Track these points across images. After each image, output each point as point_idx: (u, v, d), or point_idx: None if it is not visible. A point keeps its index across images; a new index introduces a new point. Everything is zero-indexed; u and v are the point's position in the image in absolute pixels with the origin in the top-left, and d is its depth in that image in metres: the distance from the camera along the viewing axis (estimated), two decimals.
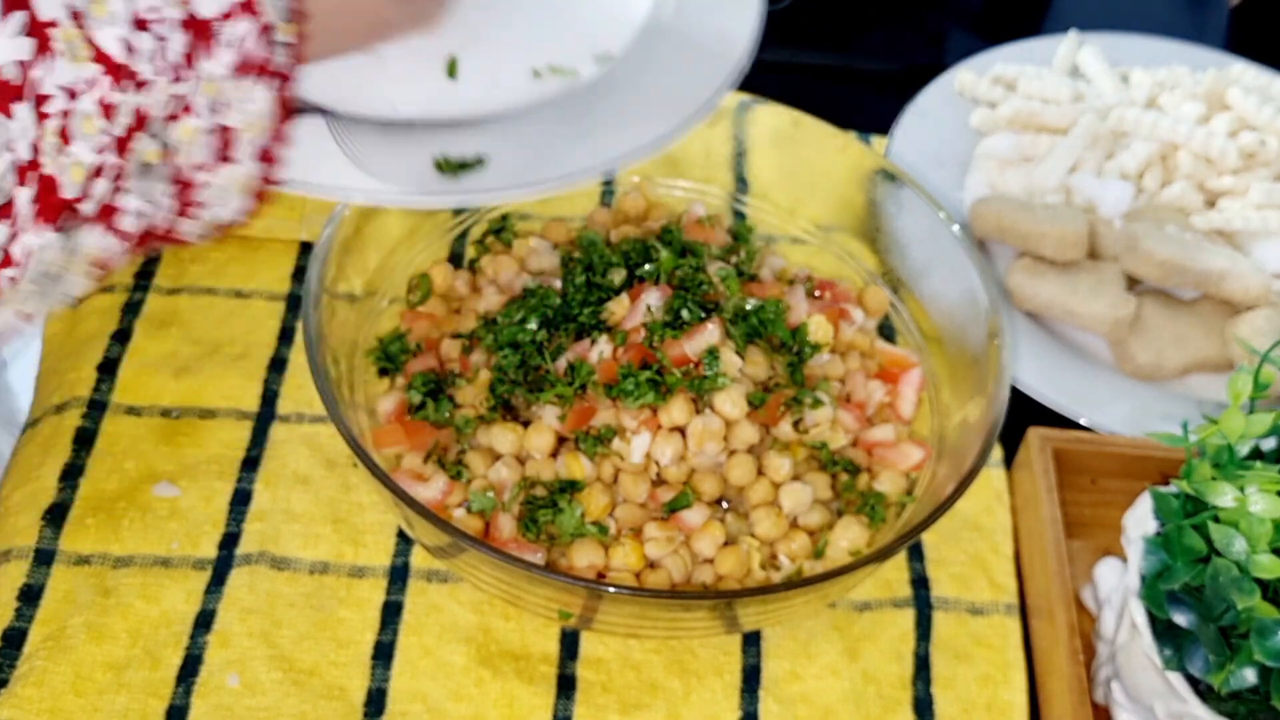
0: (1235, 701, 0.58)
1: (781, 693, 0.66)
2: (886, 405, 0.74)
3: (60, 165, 0.43)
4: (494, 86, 0.64)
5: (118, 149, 0.46)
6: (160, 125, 0.48)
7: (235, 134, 0.50)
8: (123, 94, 0.45)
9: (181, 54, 0.47)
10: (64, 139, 0.43)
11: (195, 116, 0.49)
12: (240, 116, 0.50)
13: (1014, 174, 0.93)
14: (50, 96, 0.43)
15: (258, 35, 0.49)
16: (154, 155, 0.48)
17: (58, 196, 0.44)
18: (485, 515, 0.66)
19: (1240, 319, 0.83)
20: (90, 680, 0.63)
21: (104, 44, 0.44)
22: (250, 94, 0.50)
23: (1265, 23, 1.18)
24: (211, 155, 0.50)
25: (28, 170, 0.42)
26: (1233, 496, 0.57)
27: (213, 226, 0.53)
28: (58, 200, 0.44)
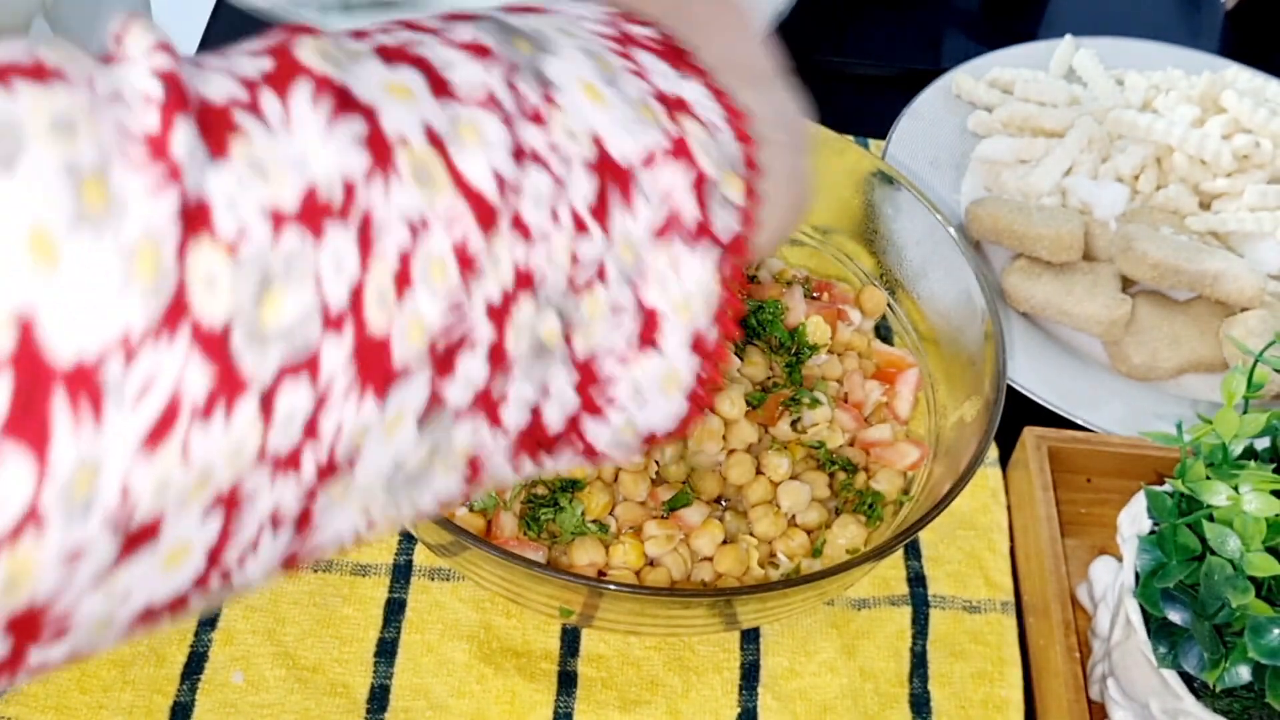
0: (1230, 699, 0.58)
1: (780, 689, 0.66)
2: (884, 405, 0.74)
3: (393, 319, 0.32)
4: None
5: (490, 315, 0.34)
6: (560, 294, 0.36)
7: (659, 316, 0.39)
8: (496, 242, 0.34)
9: (589, 202, 0.36)
10: (400, 285, 0.32)
11: (605, 287, 0.37)
12: (664, 292, 0.39)
13: (1010, 176, 0.93)
14: (385, 229, 0.31)
15: (691, 188, 0.38)
16: (553, 334, 0.36)
17: (387, 361, 0.32)
18: (487, 514, 0.67)
19: (1234, 320, 0.83)
20: (95, 677, 0.64)
21: (469, 172, 0.33)
22: (679, 264, 0.39)
23: (1260, 26, 1.18)
24: (625, 339, 0.39)
25: (344, 319, 0.31)
26: (1227, 495, 0.57)
27: (634, 435, 0.41)
28: (386, 365, 0.32)
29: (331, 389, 0.31)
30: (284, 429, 0.30)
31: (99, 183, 0.26)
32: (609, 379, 0.39)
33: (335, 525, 0.35)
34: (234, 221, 0.28)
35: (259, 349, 0.29)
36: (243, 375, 0.29)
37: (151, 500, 0.28)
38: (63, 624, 0.29)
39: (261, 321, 0.29)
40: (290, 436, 0.31)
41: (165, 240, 0.27)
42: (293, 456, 0.31)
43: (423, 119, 0.33)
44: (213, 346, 0.28)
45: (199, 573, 0.31)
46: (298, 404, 0.30)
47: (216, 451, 0.29)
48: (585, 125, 0.36)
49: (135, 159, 0.27)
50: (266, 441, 0.30)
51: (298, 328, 0.30)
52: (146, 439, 0.27)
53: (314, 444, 0.31)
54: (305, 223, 0.30)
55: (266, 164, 0.29)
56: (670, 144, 0.38)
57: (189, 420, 0.28)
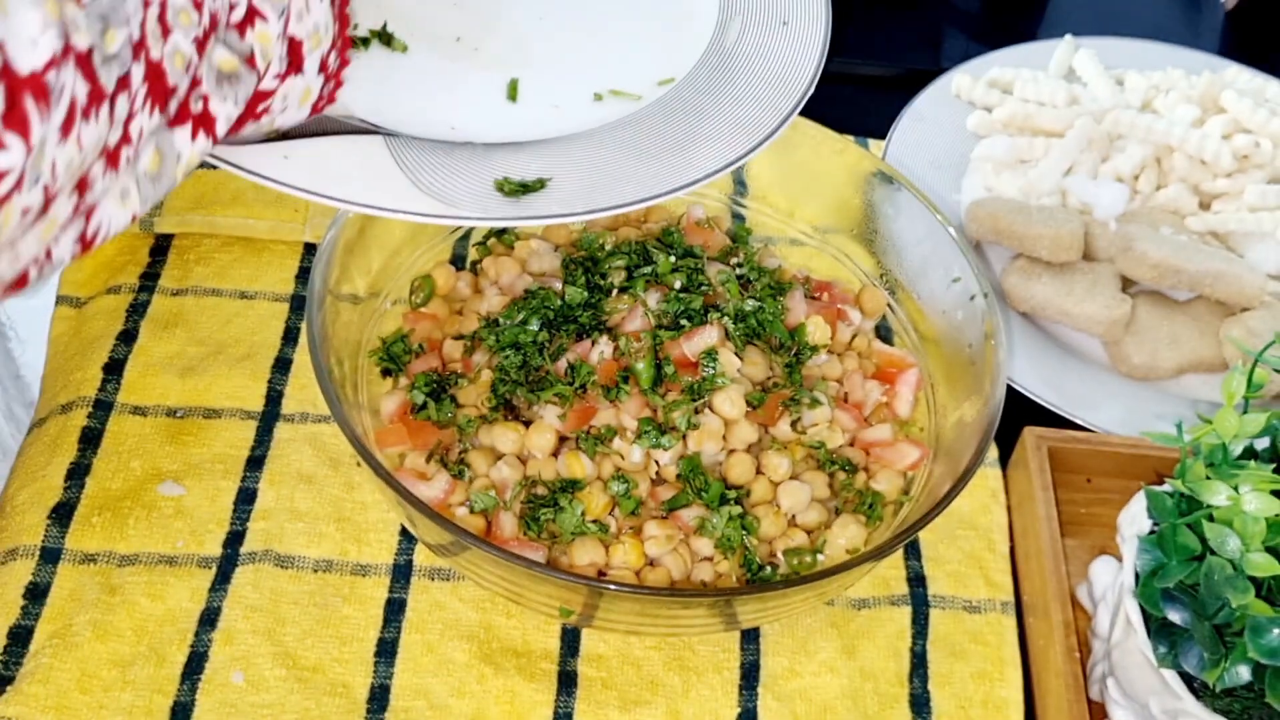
0: (1229, 698, 0.58)
1: (780, 689, 0.67)
2: (884, 405, 0.74)
3: (164, 51, 0.44)
4: (555, 109, 0.63)
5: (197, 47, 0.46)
6: (226, 32, 0.48)
7: (300, 44, 0.52)
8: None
9: None
10: (164, 27, 0.44)
11: (265, 23, 0.49)
12: (302, 26, 0.51)
13: (1010, 176, 0.93)
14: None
15: None
16: (230, 64, 0.48)
17: (165, 82, 0.44)
18: (487, 514, 0.67)
19: (1234, 320, 0.83)
20: (96, 677, 0.64)
21: None
22: (310, 4, 0.51)
23: (1259, 26, 1.18)
24: (281, 63, 0.51)
25: (139, 48, 0.43)
26: (1227, 495, 0.58)
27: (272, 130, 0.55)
28: (164, 86, 0.45)
29: (136, 99, 0.43)
30: (116, 127, 0.43)
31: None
32: (270, 92, 0.52)
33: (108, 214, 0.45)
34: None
35: (107, 68, 0.41)
36: (102, 86, 0.41)
37: (62, 175, 0.40)
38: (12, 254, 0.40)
39: (106, 48, 0.41)
40: (116, 135, 0.43)
41: None
42: (116, 152, 0.43)
43: None
44: (86, 67, 0.40)
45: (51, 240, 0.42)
46: (122, 109, 0.42)
47: (90, 141, 0.41)
48: None
49: None
50: (109, 137, 0.42)
51: (122, 53, 0.42)
52: (62, 129, 0.39)
53: (127, 145, 0.44)
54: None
55: None
56: None
57: (79, 118, 0.40)
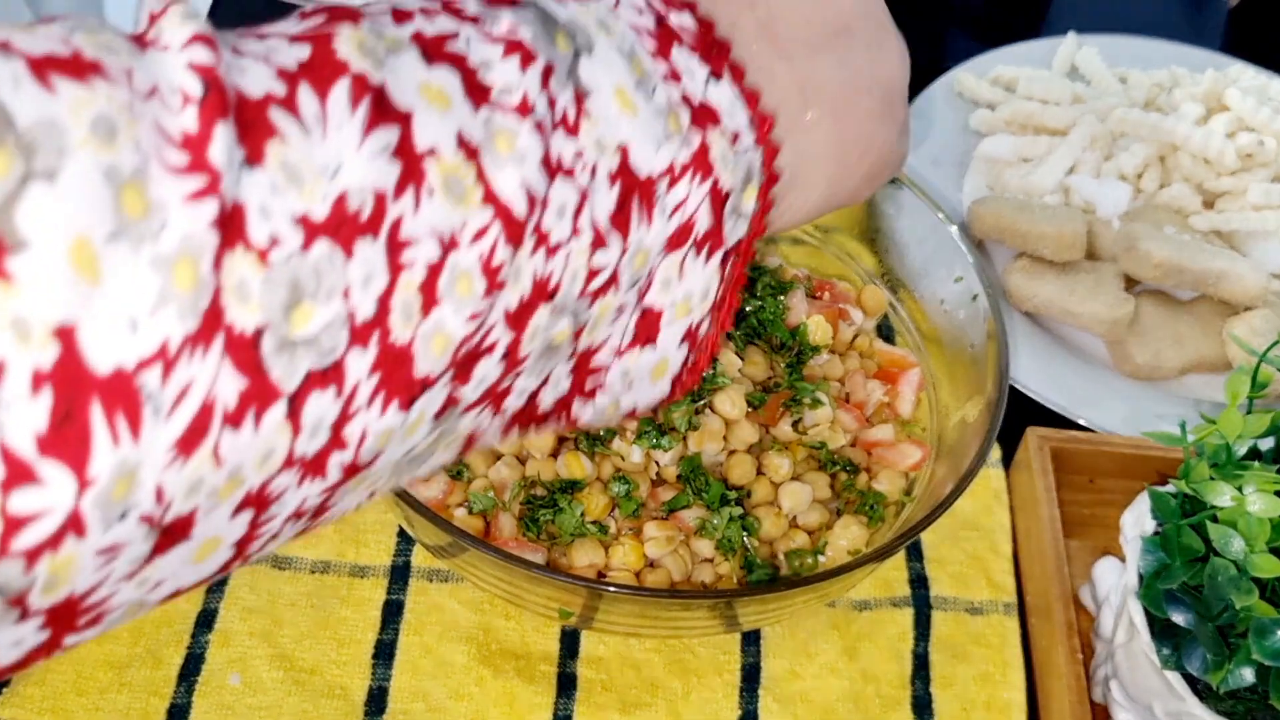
0: (1233, 700, 0.58)
1: (781, 691, 0.66)
2: (885, 405, 0.74)
3: (418, 333, 0.32)
4: None
5: (509, 322, 0.35)
6: (574, 300, 0.37)
7: (658, 316, 0.40)
8: (516, 255, 0.34)
9: (609, 214, 0.36)
10: (427, 298, 0.32)
11: (616, 291, 0.38)
12: (666, 293, 0.40)
13: (1013, 175, 0.93)
14: (413, 242, 0.31)
15: (708, 201, 0.39)
16: (564, 336, 0.37)
17: (410, 372, 0.32)
18: (486, 515, 0.67)
19: (1238, 319, 0.83)
20: (92, 679, 0.63)
21: (500, 186, 0.33)
22: (685, 269, 0.40)
23: (1263, 24, 1.18)
24: (623, 335, 0.40)
25: (369, 331, 0.31)
26: (1231, 496, 0.57)
27: (617, 414, 0.43)
28: (409, 377, 0.33)
29: (355, 398, 0.31)
30: (311, 435, 0.31)
31: (138, 190, 0.26)
32: (602, 367, 0.40)
33: (345, 505, 0.36)
34: (267, 229, 0.29)
35: (287, 358, 0.29)
36: (272, 383, 0.29)
37: (183, 500, 0.29)
38: (98, 612, 0.30)
39: (291, 330, 0.29)
40: (317, 442, 0.31)
41: (204, 251, 0.27)
42: (319, 461, 0.32)
43: (458, 127, 0.32)
44: (243, 355, 0.29)
45: (226, 561, 0.32)
46: (325, 412, 0.31)
47: (246, 455, 0.30)
48: (614, 135, 0.36)
49: (173, 164, 0.27)
50: (294, 447, 0.31)
51: (324, 337, 0.30)
52: (180, 444, 0.28)
53: (340, 450, 0.32)
54: (335, 233, 0.30)
55: (301, 170, 0.29)
56: (692, 158, 0.38)
57: (220, 426, 0.29)
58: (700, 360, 0.43)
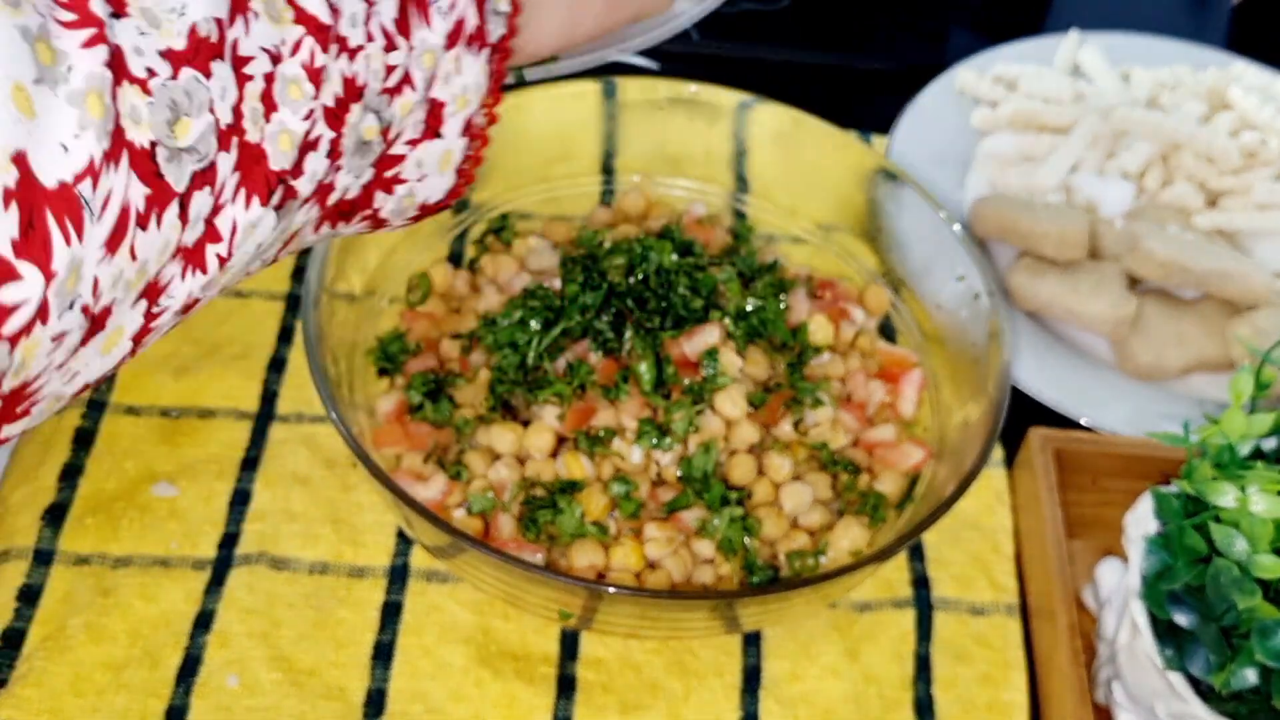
0: (1236, 702, 0.58)
1: (782, 693, 0.66)
2: (887, 405, 0.74)
3: (266, 133, 0.40)
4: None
5: (329, 121, 0.42)
6: (378, 99, 0.44)
7: (443, 108, 0.48)
8: (331, 60, 0.42)
9: (393, 19, 0.44)
10: (268, 105, 0.40)
11: (412, 89, 0.46)
12: (449, 89, 0.47)
13: (1015, 173, 0.93)
14: (251, 58, 0.39)
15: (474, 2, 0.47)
16: (373, 132, 0.45)
17: (265, 167, 0.40)
18: (485, 515, 0.66)
19: (1242, 318, 0.83)
20: (89, 680, 0.63)
21: (305, 4, 0.41)
22: (461, 65, 0.47)
23: (1266, 22, 1.18)
24: (415, 128, 0.47)
25: (230, 135, 0.39)
26: (1234, 496, 0.57)
27: (413, 204, 0.50)
28: (265, 171, 0.40)
29: (223, 192, 0.39)
30: (193, 228, 0.39)
31: (46, 42, 0.33)
32: (400, 158, 0.48)
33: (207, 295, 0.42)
34: (142, 64, 0.36)
35: (176, 164, 0.37)
36: (168, 185, 0.37)
37: (109, 292, 0.36)
38: (32, 401, 0.36)
39: (175, 142, 0.37)
40: (196, 233, 0.39)
41: (104, 84, 0.35)
42: (198, 251, 0.39)
43: None
44: (144, 165, 0.36)
45: (126, 353, 0.39)
46: (202, 206, 0.38)
47: (152, 248, 0.37)
48: None
49: (66, 20, 0.34)
50: (182, 238, 0.38)
51: (199, 144, 0.38)
52: (108, 243, 0.35)
53: (215, 244, 0.40)
54: (193, 60, 0.37)
55: (156, 13, 0.37)
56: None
57: (134, 226, 0.36)
58: (477, 152, 0.51)
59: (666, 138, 0.83)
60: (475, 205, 0.80)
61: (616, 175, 0.84)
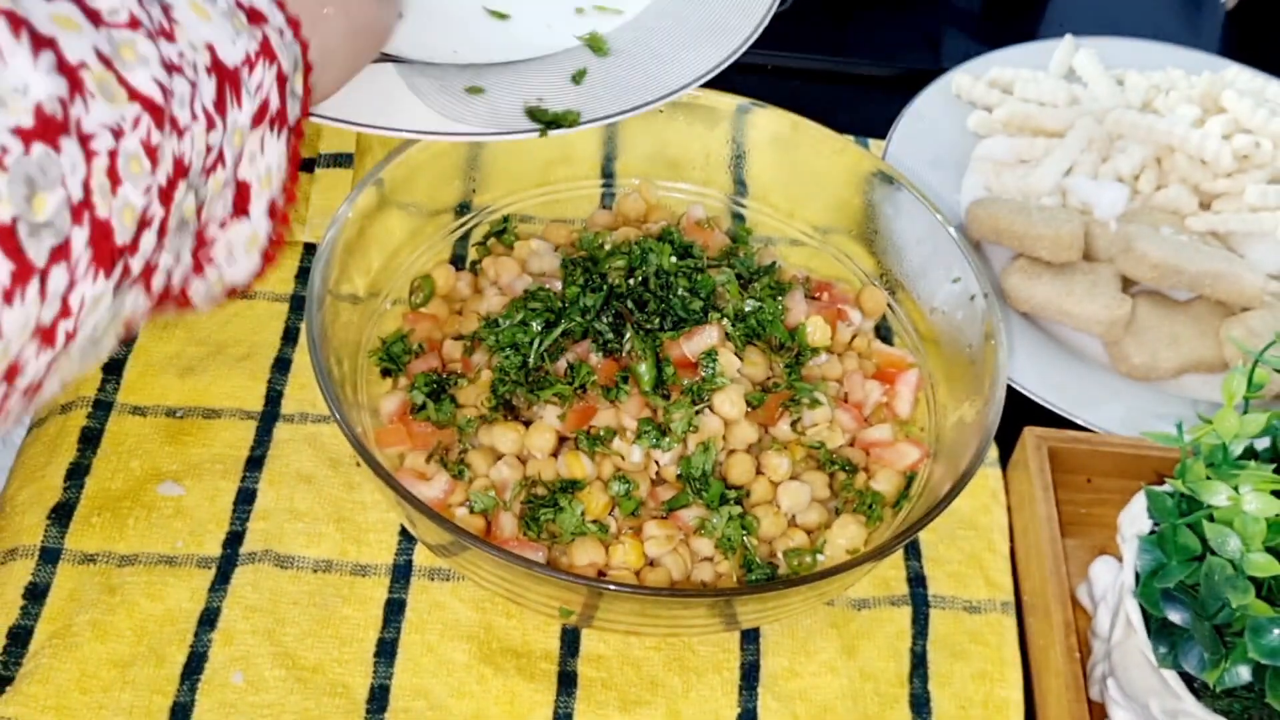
0: (1230, 699, 0.58)
1: (780, 689, 0.66)
2: (884, 405, 0.74)
3: (112, 208, 0.40)
4: (545, 28, 0.69)
5: (162, 198, 0.43)
6: (198, 177, 0.45)
7: (249, 188, 0.49)
8: (163, 138, 0.42)
9: (213, 100, 0.45)
10: (113, 180, 0.40)
11: (223, 168, 0.47)
12: (255, 169, 0.49)
13: (1010, 176, 0.93)
14: (94, 135, 0.40)
15: (275, 83, 0.48)
16: (190, 210, 0.46)
17: (112, 242, 0.41)
18: (487, 514, 0.67)
19: (1235, 320, 0.83)
20: (95, 678, 0.64)
21: (139, 85, 0.41)
22: (265, 145, 0.49)
23: (1260, 26, 1.18)
24: (225, 209, 0.48)
25: (81, 210, 0.39)
26: (1227, 496, 0.57)
27: (222, 288, 0.51)
28: (112, 247, 0.41)
29: (78, 268, 0.39)
30: (50, 305, 0.39)
31: None
32: (211, 242, 0.49)
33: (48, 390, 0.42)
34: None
35: (36, 240, 0.37)
36: (30, 261, 0.37)
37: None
38: None
39: (34, 216, 0.37)
40: (51, 311, 0.39)
41: None
42: (52, 330, 0.40)
43: (92, 44, 0.40)
44: (8, 242, 0.36)
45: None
46: (59, 282, 0.39)
47: (14, 325, 0.37)
48: (200, 37, 0.45)
49: None
50: (41, 316, 0.39)
51: (57, 219, 0.38)
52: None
53: (65, 319, 0.40)
54: (43, 136, 0.38)
55: (2, 94, 0.37)
56: (259, 48, 0.47)
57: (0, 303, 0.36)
58: (279, 233, 0.52)
59: (666, 141, 0.83)
60: (477, 208, 0.81)
61: (616, 178, 0.84)
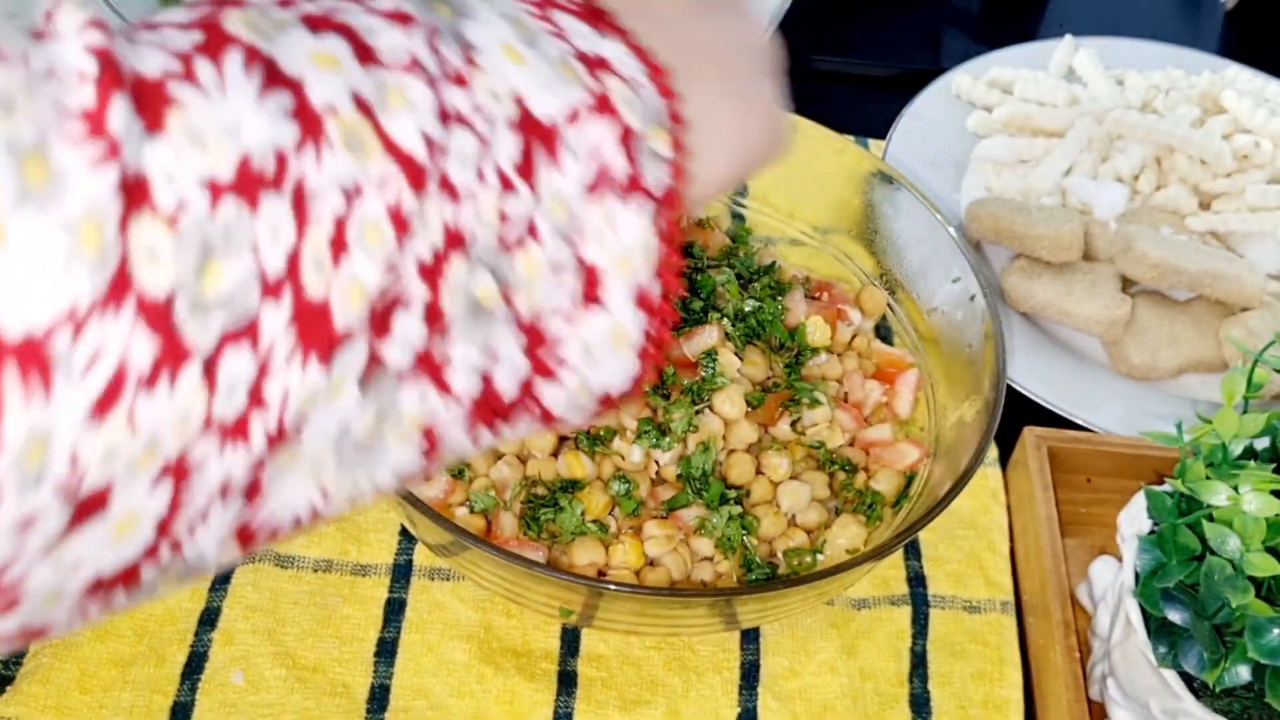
0: (1229, 698, 0.58)
1: (780, 689, 0.66)
2: (884, 405, 0.74)
3: (332, 284, 0.32)
4: None
5: (424, 275, 0.34)
6: (492, 254, 0.36)
7: (600, 272, 0.39)
8: (423, 202, 0.34)
9: (514, 160, 0.36)
10: (336, 249, 0.32)
11: (540, 245, 0.37)
12: (602, 248, 0.39)
13: (1010, 176, 0.93)
14: (319, 194, 0.32)
15: (618, 143, 0.38)
16: (489, 294, 0.37)
17: (329, 326, 0.32)
18: (487, 514, 0.67)
19: (1234, 320, 0.83)
20: (95, 677, 0.64)
21: (398, 136, 0.33)
22: (616, 222, 0.39)
23: (1259, 26, 1.18)
24: (569, 298, 0.39)
25: (281, 285, 0.31)
26: (1227, 495, 0.58)
27: (589, 395, 0.41)
28: (329, 331, 0.32)
29: (273, 355, 0.31)
30: (228, 396, 0.31)
31: (40, 159, 0.27)
32: (557, 339, 0.39)
33: (287, 495, 0.35)
34: (173, 194, 0.29)
35: (201, 318, 0.30)
36: (186, 344, 0.30)
37: (100, 468, 0.29)
38: (13, 594, 0.29)
39: (202, 290, 0.30)
40: (235, 403, 0.31)
41: (107, 215, 0.28)
42: (240, 424, 0.32)
43: (350, 86, 0.33)
44: (156, 317, 0.29)
45: (149, 543, 0.32)
46: (240, 371, 0.31)
47: (163, 419, 0.30)
48: (507, 85, 0.37)
49: (73, 135, 0.28)
50: (212, 409, 0.31)
51: (237, 295, 0.30)
52: (94, 409, 0.28)
53: (261, 411, 0.32)
54: (241, 192, 0.30)
55: (203, 133, 0.30)
56: (593, 100, 0.38)
57: (135, 389, 0.29)
58: (661, 331, 0.42)
59: None
60: None
61: None
